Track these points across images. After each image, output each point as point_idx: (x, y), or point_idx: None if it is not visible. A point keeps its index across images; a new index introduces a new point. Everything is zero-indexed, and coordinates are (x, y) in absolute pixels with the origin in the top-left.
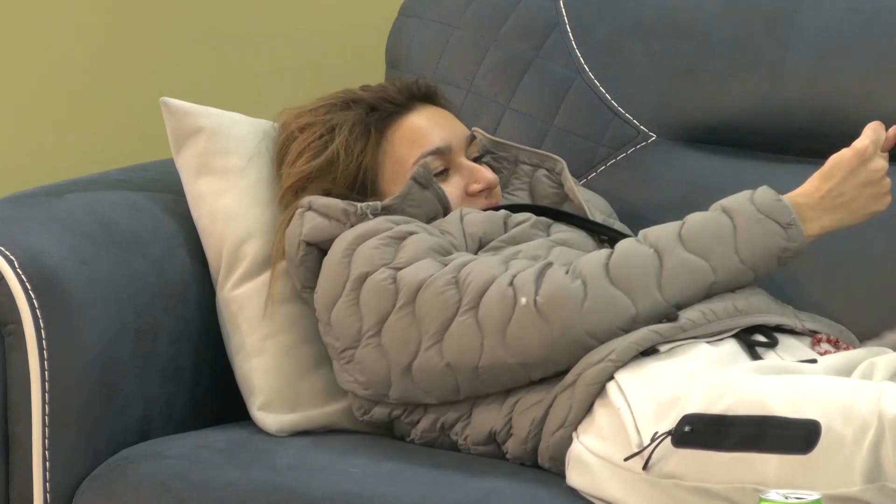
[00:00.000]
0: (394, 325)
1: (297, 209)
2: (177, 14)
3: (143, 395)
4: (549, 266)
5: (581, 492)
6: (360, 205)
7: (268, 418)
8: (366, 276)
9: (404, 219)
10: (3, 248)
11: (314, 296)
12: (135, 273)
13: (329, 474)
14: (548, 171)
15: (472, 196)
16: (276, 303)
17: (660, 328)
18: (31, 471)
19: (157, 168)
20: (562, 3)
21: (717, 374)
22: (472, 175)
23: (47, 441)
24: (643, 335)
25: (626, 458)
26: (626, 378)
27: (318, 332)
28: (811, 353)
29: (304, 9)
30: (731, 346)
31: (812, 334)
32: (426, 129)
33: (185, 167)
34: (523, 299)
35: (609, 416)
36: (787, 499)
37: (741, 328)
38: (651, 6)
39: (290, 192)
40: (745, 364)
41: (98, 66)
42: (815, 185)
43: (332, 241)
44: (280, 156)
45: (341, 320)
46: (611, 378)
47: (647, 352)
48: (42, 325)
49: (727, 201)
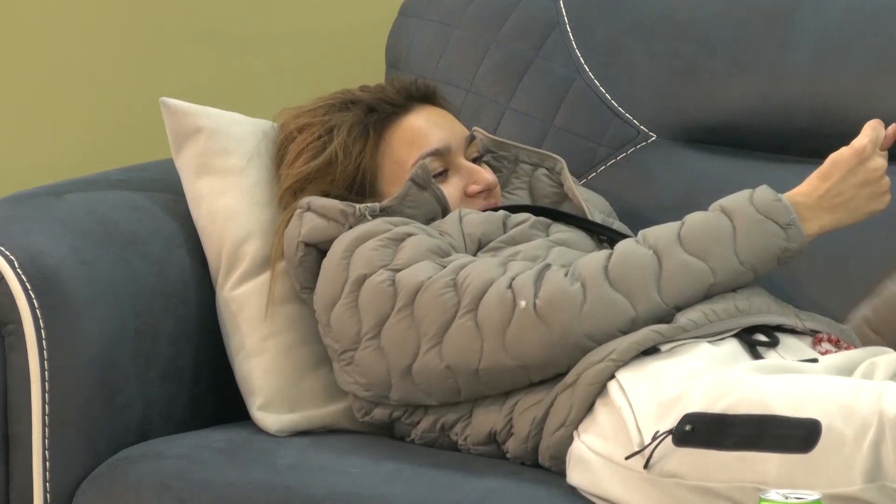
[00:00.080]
0: (393, 328)
1: (296, 210)
2: (177, 14)
3: (143, 395)
4: (548, 268)
5: (581, 490)
6: (358, 206)
7: (268, 418)
8: (364, 277)
9: (403, 220)
10: (3, 248)
11: (313, 297)
12: (135, 273)
13: (329, 474)
14: (548, 170)
15: (471, 197)
16: (276, 303)
17: (661, 328)
18: (31, 471)
19: (157, 168)
20: (562, 3)
21: (719, 374)
22: (472, 176)
23: (47, 441)
24: (644, 335)
25: (627, 457)
26: (627, 377)
27: (317, 333)
28: (812, 353)
29: (304, 9)
30: (732, 346)
31: (813, 334)
32: (425, 129)
33: (184, 167)
34: (522, 302)
35: (610, 415)
36: (787, 499)
37: (742, 328)
38: (651, 6)
39: (288, 193)
40: (747, 363)
41: (98, 66)
42: (813, 184)
43: (330, 241)
44: (279, 156)
45: (340, 322)
46: (612, 377)
47: (649, 351)
48: (42, 325)
49: (726, 201)
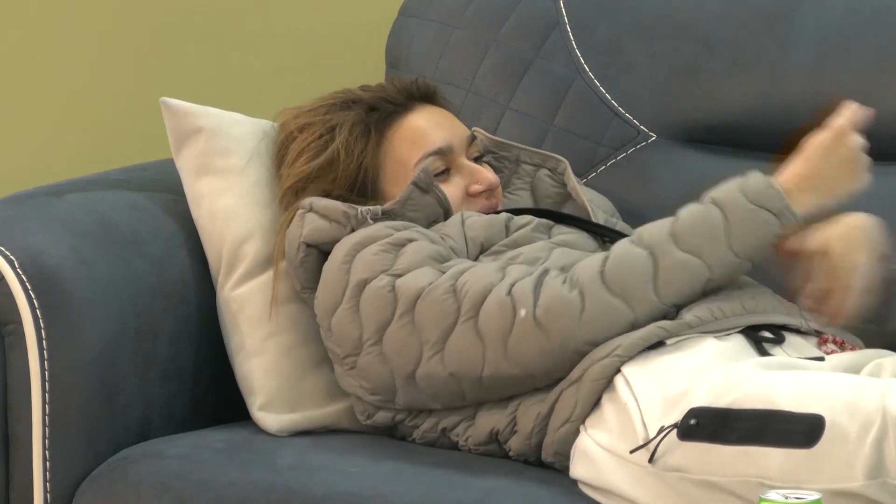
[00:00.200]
0: (394, 335)
1: (297, 210)
2: (177, 14)
3: (143, 395)
4: (547, 274)
5: (585, 483)
6: (360, 208)
7: (268, 418)
8: (365, 282)
9: (404, 224)
10: (3, 248)
11: (315, 301)
12: (135, 273)
13: (329, 474)
14: (550, 170)
15: (472, 196)
16: (277, 303)
17: (666, 325)
18: (31, 471)
19: (157, 168)
20: (562, 3)
21: (725, 369)
22: (474, 176)
23: (47, 441)
24: (649, 331)
25: (632, 451)
26: (633, 372)
27: (318, 333)
28: (818, 353)
29: (304, 9)
30: (738, 341)
31: (818, 334)
32: (427, 129)
33: (185, 167)
34: (522, 311)
35: (616, 409)
36: (787, 499)
37: (749, 325)
38: (651, 6)
39: (290, 193)
40: (753, 359)
41: (98, 66)
42: (798, 165)
43: (332, 242)
44: (279, 156)
45: (342, 327)
46: (617, 372)
47: (654, 345)
48: (42, 325)
49: (718, 192)
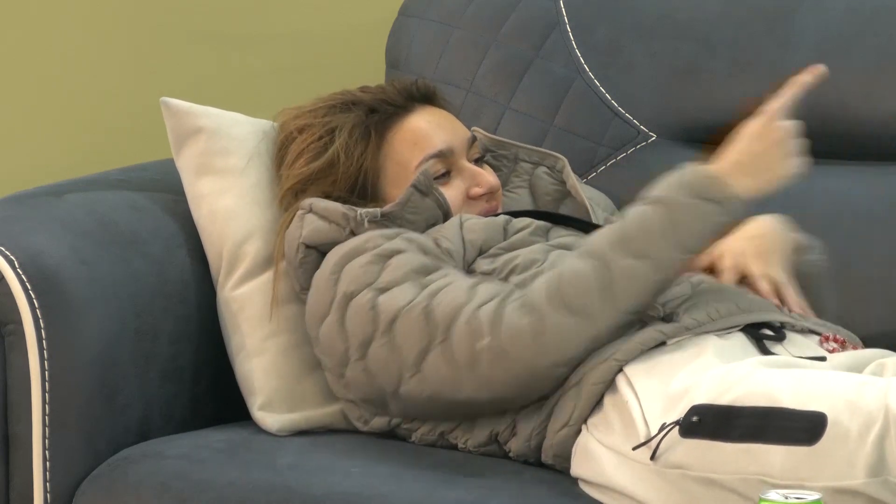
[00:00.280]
0: (376, 353)
1: (297, 211)
2: (177, 14)
3: (143, 395)
4: (508, 298)
5: (586, 481)
6: (359, 211)
7: (268, 418)
8: (351, 296)
9: (396, 231)
10: (3, 248)
11: (306, 308)
12: (135, 273)
13: (329, 474)
14: (548, 168)
15: (473, 199)
16: (278, 303)
17: (664, 328)
18: (31, 471)
19: (157, 168)
20: (562, 3)
21: (726, 367)
22: (474, 178)
23: (47, 441)
24: (648, 335)
25: (634, 448)
26: (634, 370)
27: None
28: (820, 351)
29: (304, 9)
30: (739, 339)
31: (818, 333)
32: (428, 131)
33: (185, 167)
34: (484, 341)
35: (618, 408)
36: (787, 499)
37: (748, 323)
38: (651, 6)
39: (290, 194)
40: (754, 358)
41: (98, 66)
42: (730, 153)
43: (331, 244)
44: (279, 156)
45: (328, 339)
46: (615, 375)
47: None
48: (42, 325)
49: (658, 190)
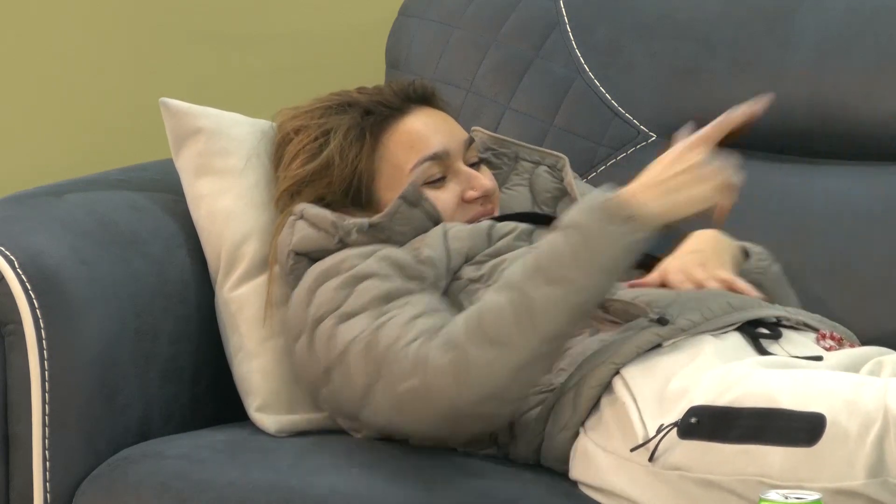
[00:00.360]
0: (337, 381)
1: (289, 216)
2: (177, 14)
3: (143, 395)
4: (436, 335)
5: (585, 484)
6: (347, 221)
7: (266, 419)
8: (318, 321)
9: (374, 249)
10: (3, 248)
11: (285, 319)
12: (135, 273)
13: (329, 474)
14: (549, 167)
15: (468, 203)
16: (274, 305)
17: (660, 331)
18: (31, 471)
19: (157, 168)
20: (562, 3)
21: (724, 368)
22: (470, 182)
23: (47, 441)
24: (644, 338)
25: (632, 450)
26: (631, 372)
27: None
28: (816, 348)
29: (304, 9)
30: (735, 339)
31: (815, 330)
32: (424, 133)
33: (184, 168)
34: (409, 381)
35: (615, 410)
36: (787, 499)
37: (744, 321)
38: (651, 6)
39: (286, 195)
40: (752, 359)
41: (98, 66)
42: (642, 177)
43: (321, 251)
44: (276, 157)
45: (301, 359)
46: (613, 377)
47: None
48: (42, 325)
49: (569, 216)
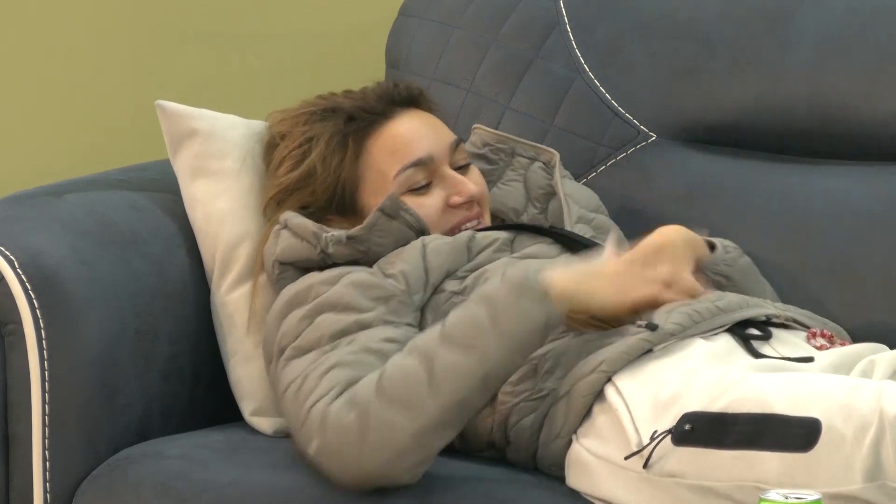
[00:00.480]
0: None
1: (275, 225)
2: (177, 14)
3: (143, 395)
4: (346, 387)
5: (581, 493)
6: (325, 234)
7: (263, 422)
8: (281, 352)
9: (341, 273)
10: (3, 248)
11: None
12: (135, 273)
13: None
14: (544, 163)
15: (453, 208)
16: (261, 313)
17: (649, 336)
18: (31, 471)
19: (157, 168)
20: (562, 3)
21: (717, 372)
22: (455, 187)
23: (47, 441)
24: (633, 344)
25: (627, 457)
26: (623, 378)
27: None
28: (807, 347)
29: (304, 9)
30: (726, 341)
31: (805, 328)
32: (407, 139)
33: (180, 170)
34: (314, 443)
35: (608, 417)
36: (787, 499)
37: (733, 323)
38: (651, 6)
39: (272, 203)
40: (744, 362)
41: (98, 66)
42: (578, 267)
43: (304, 261)
44: (267, 160)
45: (274, 382)
46: (604, 385)
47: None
48: (42, 325)
49: (482, 289)
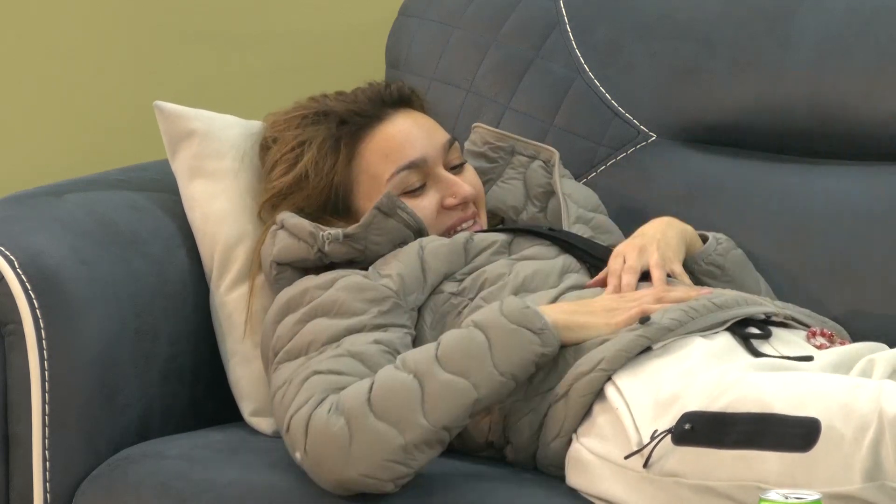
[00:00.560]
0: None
1: (272, 226)
2: (177, 14)
3: (142, 395)
4: (325, 400)
5: (581, 492)
6: (322, 233)
7: (262, 422)
8: (275, 355)
9: (335, 277)
10: (3, 248)
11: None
12: (135, 273)
13: None
14: (544, 162)
15: (448, 209)
16: (259, 313)
17: (647, 332)
18: (31, 471)
19: (157, 168)
20: (562, 3)
21: (717, 372)
22: (449, 188)
23: (47, 441)
24: (631, 341)
25: (627, 457)
26: (623, 377)
27: None
28: (806, 346)
29: (304, 9)
30: (726, 340)
31: (805, 327)
32: (399, 141)
33: (179, 170)
34: (297, 454)
35: (608, 416)
36: (787, 499)
37: (733, 321)
38: (651, 6)
39: (267, 206)
40: (744, 362)
41: (98, 66)
42: (566, 303)
43: (302, 261)
44: (261, 162)
45: (269, 382)
46: (603, 384)
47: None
48: (42, 325)
49: (478, 316)
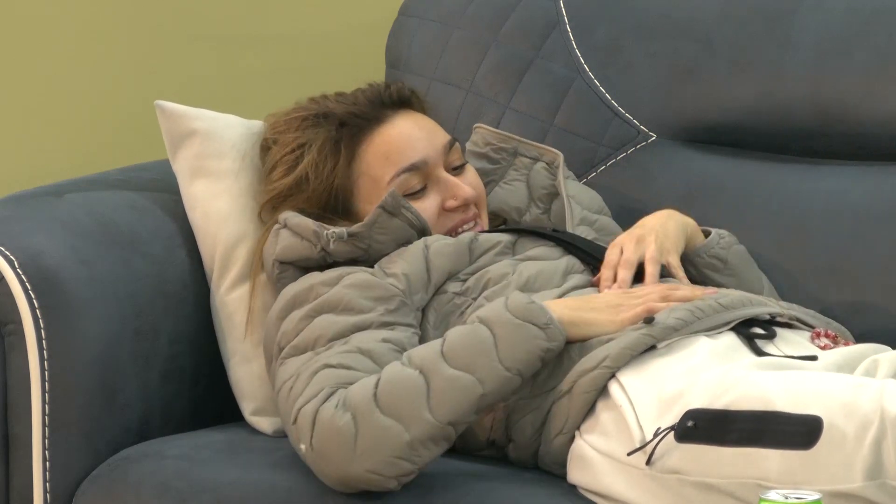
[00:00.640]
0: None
1: (274, 225)
2: (177, 14)
3: (143, 395)
4: (332, 395)
5: (582, 488)
6: (327, 230)
7: (263, 422)
8: (280, 351)
9: (341, 274)
10: (3, 248)
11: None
12: (135, 273)
13: None
14: (547, 164)
15: (449, 211)
16: (261, 312)
17: (652, 331)
18: (31, 471)
19: (157, 168)
20: (562, 3)
21: (720, 370)
22: (450, 190)
23: (47, 441)
24: (636, 339)
25: (630, 453)
26: (627, 375)
27: None
28: (811, 347)
29: (304, 9)
30: (730, 339)
31: (810, 328)
32: (400, 143)
33: (180, 170)
34: (302, 446)
35: (611, 413)
36: (787, 499)
37: (737, 321)
38: (651, 6)
39: (268, 207)
40: (748, 360)
41: (98, 66)
42: (570, 299)
43: (304, 260)
44: (262, 163)
45: (272, 380)
46: (607, 382)
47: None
48: (42, 325)
49: (484, 312)
